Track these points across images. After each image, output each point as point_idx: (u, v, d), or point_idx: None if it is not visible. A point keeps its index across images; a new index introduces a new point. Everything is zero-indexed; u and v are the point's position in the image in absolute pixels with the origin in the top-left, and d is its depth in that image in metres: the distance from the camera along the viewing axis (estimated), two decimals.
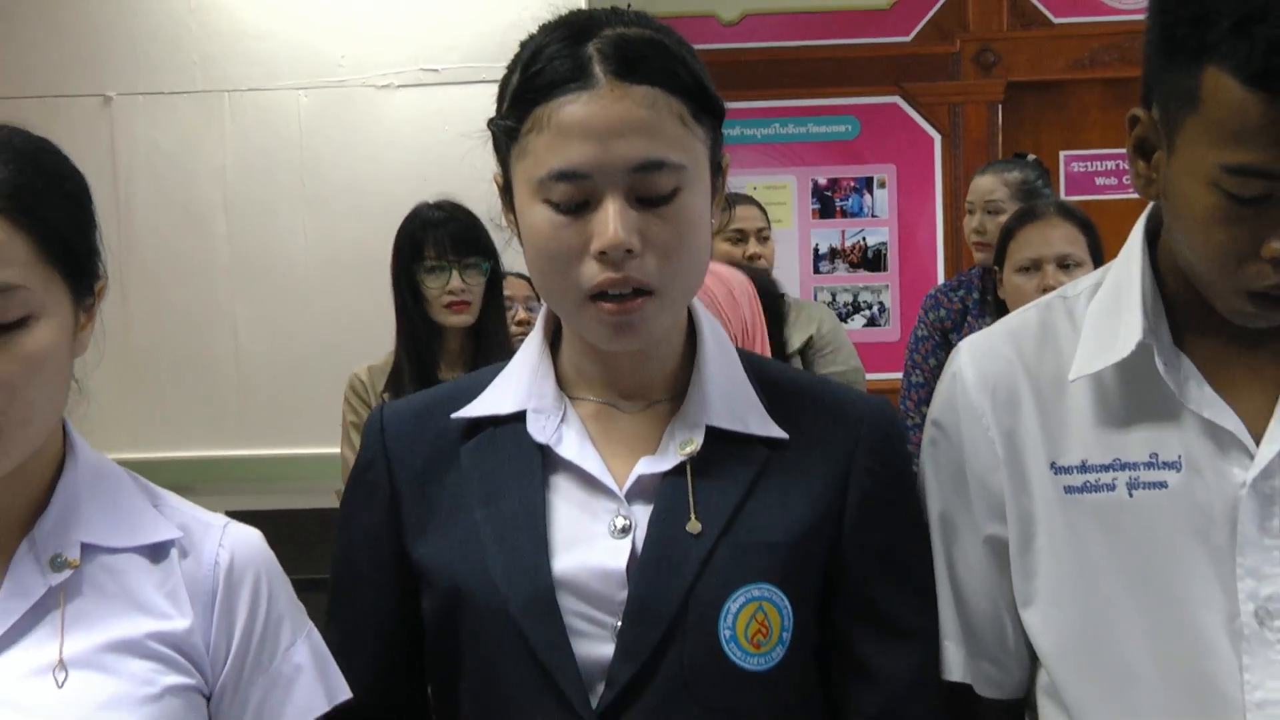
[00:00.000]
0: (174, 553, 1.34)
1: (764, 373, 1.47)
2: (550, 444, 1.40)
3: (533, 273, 1.39)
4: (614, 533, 1.37)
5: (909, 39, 5.95)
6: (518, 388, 1.45)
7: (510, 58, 1.39)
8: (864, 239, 6.16)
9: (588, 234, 1.31)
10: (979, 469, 1.46)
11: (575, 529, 1.37)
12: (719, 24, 5.95)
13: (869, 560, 1.41)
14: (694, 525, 1.36)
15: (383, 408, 1.51)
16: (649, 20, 1.38)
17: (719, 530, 1.36)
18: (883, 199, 6.10)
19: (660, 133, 1.31)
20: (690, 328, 1.46)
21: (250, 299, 4.90)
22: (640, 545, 1.36)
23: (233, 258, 4.82)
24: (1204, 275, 1.34)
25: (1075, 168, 5.95)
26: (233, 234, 4.87)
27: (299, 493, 4.38)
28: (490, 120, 1.40)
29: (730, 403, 1.42)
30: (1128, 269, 1.44)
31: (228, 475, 4.75)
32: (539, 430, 1.41)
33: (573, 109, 1.30)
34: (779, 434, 1.41)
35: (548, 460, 1.40)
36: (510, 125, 1.36)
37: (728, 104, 1.40)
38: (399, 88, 4.83)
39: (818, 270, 6.20)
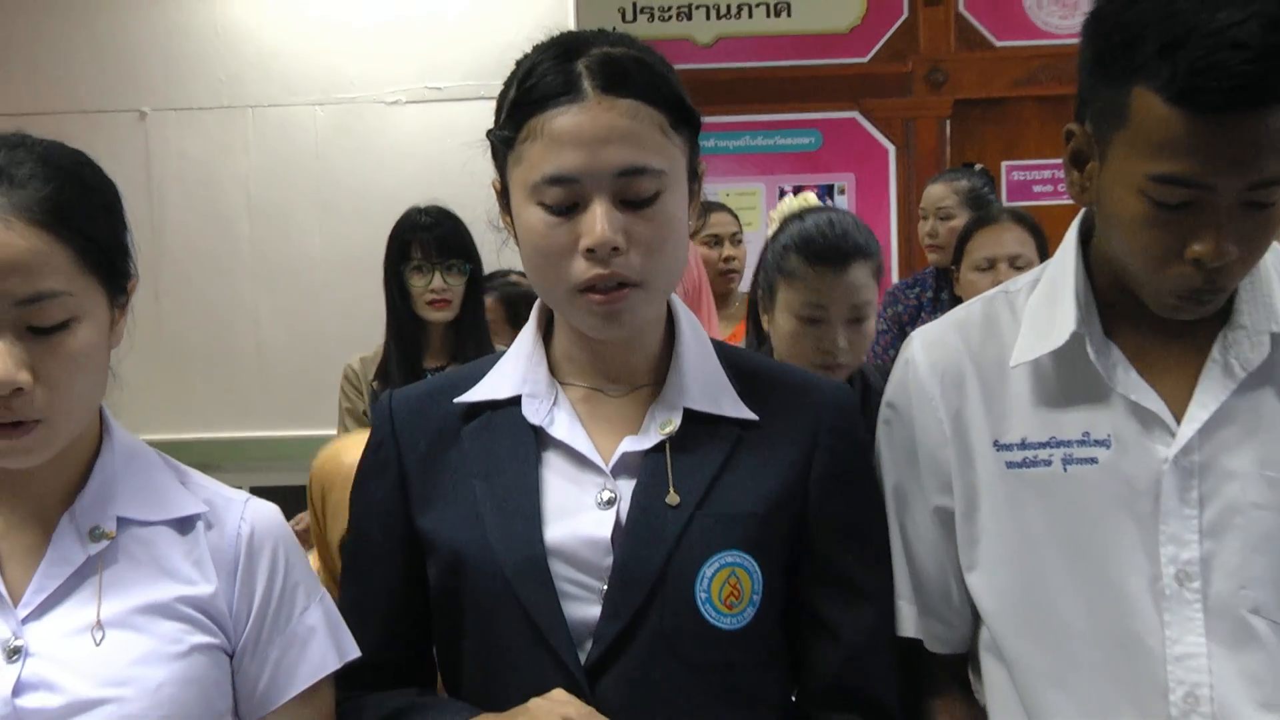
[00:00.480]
0: (200, 525, 1.33)
1: (735, 360, 1.46)
2: (543, 425, 1.40)
3: (527, 268, 1.38)
4: (600, 505, 1.36)
5: (866, 60, 5.95)
6: (514, 374, 1.44)
7: (507, 75, 1.39)
8: None
9: (577, 233, 1.31)
10: (929, 446, 1.46)
11: (565, 501, 1.37)
12: (695, 46, 5.93)
13: (831, 529, 1.41)
14: (673, 498, 1.35)
15: (391, 394, 1.50)
16: (632, 41, 1.38)
17: (695, 502, 1.35)
18: (842, 205, 6.09)
19: (643, 141, 1.30)
20: (670, 320, 1.46)
21: (270, 294, 4.89)
22: (624, 516, 1.35)
23: (254, 257, 4.81)
24: (1133, 273, 1.34)
25: (1016, 176, 5.94)
26: (255, 235, 4.86)
27: None
28: (489, 131, 1.40)
29: (705, 387, 1.41)
30: (1063, 267, 1.44)
31: (249, 454, 4.74)
32: (533, 413, 1.41)
33: (563, 120, 1.30)
34: (749, 415, 1.41)
35: (541, 440, 1.40)
36: (507, 135, 1.35)
37: (703, 118, 1.40)
38: (406, 103, 4.82)
39: None
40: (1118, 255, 1.36)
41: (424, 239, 3.19)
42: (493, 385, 1.45)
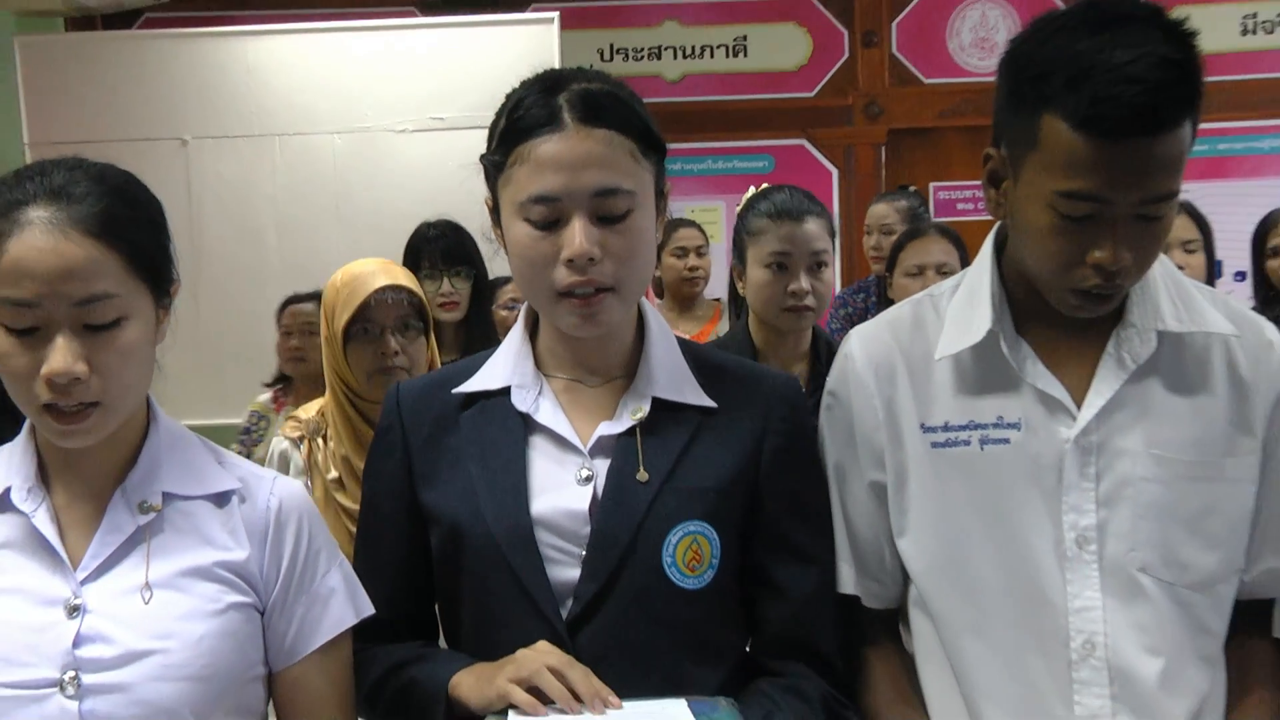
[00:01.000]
0: (235, 499, 1.33)
1: (698, 355, 1.46)
2: (530, 412, 1.40)
3: (515, 276, 1.38)
4: (579, 481, 1.36)
5: (812, 94, 5.97)
6: (504, 368, 1.44)
7: (498, 107, 1.38)
8: None
9: (559, 245, 1.30)
10: (865, 429, 1.46)
11: (549, 478, 1.37)
12: (664, 82, 5.94)
13: (780, 501, 1.41)
14: (642, 475, 1.35)
15: (399, 385, 1.50)
16: (607, 77, 1.37)
17: (662, 479, 1.35)
18: None
19: (616, 166, 1.30)
20: (640, 320, 1.46)
21: None
22: (600, 491, 1.35)
23: (281, 265, 4.78)
24: (1041, 277, 1.35)
25: (942, 196, 5.96)
26: (281, 247, 4.84)
27: None
28: (482, 155, 1.39)
29: (671, 379, 1.41)
30: (980, 274, 1.44)
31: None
32: (521, 401, 1.40)
33: (547, 146, 1.29)
34: (709, 403, 1.41)
35: (528, 425, 1.40)
36: (498, 159, 1.35)
37: (670, 145, 1.40)
38: (413, 132, 4.81)
39: None
40: (1028, 262, 1.36)
41: (432, 249, 3.18)
42: (486, 377, 1.44)
